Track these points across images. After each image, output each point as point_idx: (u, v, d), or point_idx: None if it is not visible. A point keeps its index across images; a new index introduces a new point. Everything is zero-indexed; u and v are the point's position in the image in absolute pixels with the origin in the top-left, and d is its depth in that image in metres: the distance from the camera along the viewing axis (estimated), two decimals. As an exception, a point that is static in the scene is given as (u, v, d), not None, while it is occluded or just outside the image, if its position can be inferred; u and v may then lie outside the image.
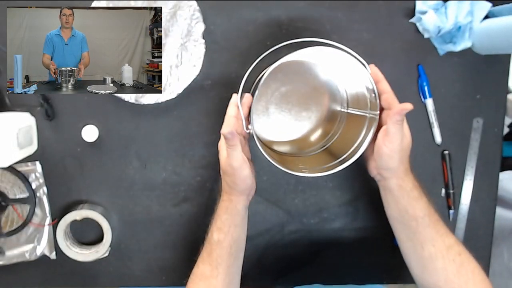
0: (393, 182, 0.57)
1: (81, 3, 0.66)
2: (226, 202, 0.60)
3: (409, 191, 0.56)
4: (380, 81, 0.56)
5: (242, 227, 0.61)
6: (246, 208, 0.61)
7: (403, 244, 0.60)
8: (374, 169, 0.58)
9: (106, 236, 0.70)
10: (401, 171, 0.56)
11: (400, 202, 0.57)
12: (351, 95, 0.64)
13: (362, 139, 0.59)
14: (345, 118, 0.66)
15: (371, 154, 0.58)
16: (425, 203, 0.57)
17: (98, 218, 0.69)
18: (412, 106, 0.52)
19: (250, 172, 0.58)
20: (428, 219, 0.56)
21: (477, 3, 0.66)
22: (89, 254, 0.70)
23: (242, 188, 0.59)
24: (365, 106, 0.60)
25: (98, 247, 0.71)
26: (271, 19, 0.69)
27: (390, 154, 0.55)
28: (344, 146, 0.62)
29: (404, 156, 0.56)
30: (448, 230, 0.57)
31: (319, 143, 0.68)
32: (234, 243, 0.59)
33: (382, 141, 0.55)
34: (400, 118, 0.53)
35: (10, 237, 0.71)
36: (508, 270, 0.95)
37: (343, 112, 0.66)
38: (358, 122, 0.61)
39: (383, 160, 0.56)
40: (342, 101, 0.66)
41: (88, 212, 0.69)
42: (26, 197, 0.70)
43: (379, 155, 0.56)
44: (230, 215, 0.59)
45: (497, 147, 0.74)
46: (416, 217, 0.56)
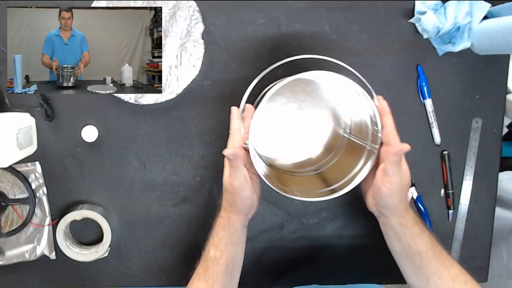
0: (394, 220, 0.57)
1: (81, 3, 0.66)
2: (224, 219, 0.59)
3: (411, 228, 0.56)
4: (385, 115, 0.55)
5: (240, 246, 0.61)
6: (244, 227, 0.61)
7: (409, 278, 0.59)
8: (373, 206, 0.58)
9: (106, 236, 0.70)
10: (401, 209, 0.56)
11: (403, 239, 0.57)
12: (354, 122, 0.64)
13: (358, 170, 0.59)
14: (345, 143, 0.66)
15: (368, 190, 0.58)
16: (428, 237, 0.57)
17: (97, 218, 0.69)
18: (410, 147, 0.52)
19: (251, 192, 0.57)
20: (432, 253, 0.56)
21: (476, 4, 0.66)
22: (89, 254, 0.70)
23: (242, 208, 0.58)
24: (366, 137, 0.59)
25: (98, 247, 0.71)
26: (271, 19, 0.69)
27: (390, 194, 0.54)
28: (339, 174, 0.61)
29: (403, 194, 0.56)
30: (452, 260, 0.57)
31: (316, 164, 0.67)
32: (231, 261, 0.59)
33: (381, 181, 0.54)
34: (398, 158, 0.52)
35: (10, 237, 0.71)
36: (507, 270, 0.95)
37: (344, 137, 0.66)
38: (357, 150, 0.61)
39: (382, 199, 0.55)
40: (345, 126, 0.66)
41: (88, 212, 0.69)
42: (26, 197, 0.70)
43: (378, 195, 0.55)
44: (227, 232, 0.58)
45: (496, 147, 0.74)
46: (420, 252, 0.56)
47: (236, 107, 0.58)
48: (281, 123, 0.66)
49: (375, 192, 0.56)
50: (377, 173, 0.55)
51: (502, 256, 0.96)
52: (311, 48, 0.70)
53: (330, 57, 0.56)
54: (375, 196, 0.56)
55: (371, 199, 0.58)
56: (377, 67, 0.71)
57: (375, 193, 0.56)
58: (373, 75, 0.71)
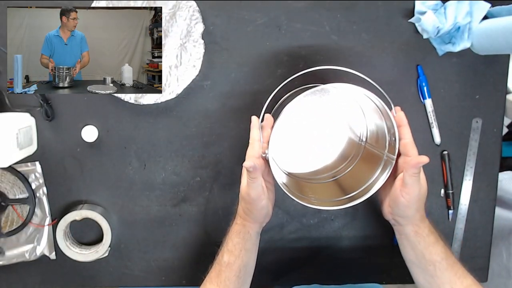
0: (409, 229, 0.57)
1: (81, 3, 0.66)
2: (239, 226, 0.60)
3: (426, 237, 0.57)
4: (403, 126, 0.55)
5: (253, 252, 0.62)
6: (258, 234, 0.62)
7: (421, 287, 0.59)
8: (389, 214, 0.59)
9: (106, 236, 0.70)
10: (417, 218, 0.57)
11: (417, 248, 0.57)
12: (371, 131, 0.64)
13: (375, 179, 0.59)
14: (361, 152, 0.66)
15: (385, 198, 0.58)
16: (442, 247, 0.57)
17: (97, 218, 0.69)
18: (428, 159, 0.52)
19: (267, 202, 0.58)
20: (445, 263, 0.56)
21: (476, 4, 0.66)
22: (89, 254, 0.70)
23: (257, 217, 0.59)
24: (383, 146, 0.60)
25: (98, 247, 0.71)
26: (271, 19, 0.69)
27: (408, 205, 0.55)
28: (355, 181, 0.62)
29: (421, 204, 0.56)
30: (465, 271, 0.57)
31: (331, 171, 0.68)
32: (244, 267, 0.59)
33: (399, 191, 0.55)
34: (417, 171, 0.53)
35: (10, 237, 0.71)
36: (507, 270, 0.95)
37: (360, 145, 0.66)
38: (373, 159, 0.61)
39: (399, 209, 0.56)
40: (361, 134, 0.66)
41: (88, 212, 0.69)
42: (26, 197, 0.70)
43: (395, 204, 0.56)
44: (242, 239, 0.59)
45: (496, 147, 0.74)
46: (433, 262, 0.56)
47: (256, 117, 0.58)
48: (297, 131, 0.67)
49: (392, 201, 0.56)
50: (395, 183, 0.56)
51: (502, 256, 0.96)
52: (311, 48, 0.70)
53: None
54: (392, 205, 0.57)
55: (387, 208, 0.58)
56: (377, 67, 0.71)
57: (393, 202, 0.56)
58: (373, 75, 0.70)
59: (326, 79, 0.65)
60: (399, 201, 0.55)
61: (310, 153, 0.67)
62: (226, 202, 0.73)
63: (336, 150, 0.68)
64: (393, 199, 0.56)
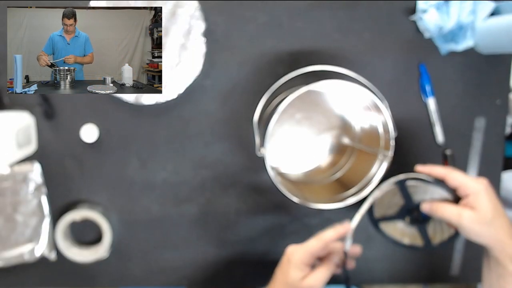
0: (496, 251, 0.53)
1: (81, 3, 0.66)
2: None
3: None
4: (451, 172, 0.53)
5: None
6: None
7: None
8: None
9: (106, 236, 0.70)
10: (503, 235, 0.52)
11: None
12: (364, 129, 0.65)
13: (370, 177, 0.60)
14: (356, 151, 0.67)
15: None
16: None
17: (97, 218, 0.69)
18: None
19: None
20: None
21: (480, 2, 0.66)
22: (89, 255, 0.70)
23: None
24: (377, 144, 0.61)
25: (98, 248, 0.70)
26: (272, 18, 0.69)
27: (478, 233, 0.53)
28: (350, 181, 0.63)
29: (498, 224, 0.52)
30: None
31: (326, 172, 0.69)
32: None
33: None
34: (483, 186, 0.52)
35: (9, 238, 0.71)
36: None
37: (355, 143, 0.67)
38: (367, 158, 0.63)
39: (472, 238, 0.54)
40: (354, 133, 0.67)
41: (88, 212, 0.69)
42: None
43: (466, 235, 0.54)
44: None
45: (500, 147, 0.73)
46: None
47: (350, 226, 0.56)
48: (289, 132, 0.67)
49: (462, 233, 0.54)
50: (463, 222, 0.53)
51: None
52: (312, 47, 0.69)
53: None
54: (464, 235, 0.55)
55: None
56: (379, 66, 0.71)
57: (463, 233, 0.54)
58: (375, 74, 0.70)
59: (325, 78, 0.65)
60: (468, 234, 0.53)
61: (302, 154, 0.68)
62: (226, 202, 0.73)
63: (329, 150, 0.69)
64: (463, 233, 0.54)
